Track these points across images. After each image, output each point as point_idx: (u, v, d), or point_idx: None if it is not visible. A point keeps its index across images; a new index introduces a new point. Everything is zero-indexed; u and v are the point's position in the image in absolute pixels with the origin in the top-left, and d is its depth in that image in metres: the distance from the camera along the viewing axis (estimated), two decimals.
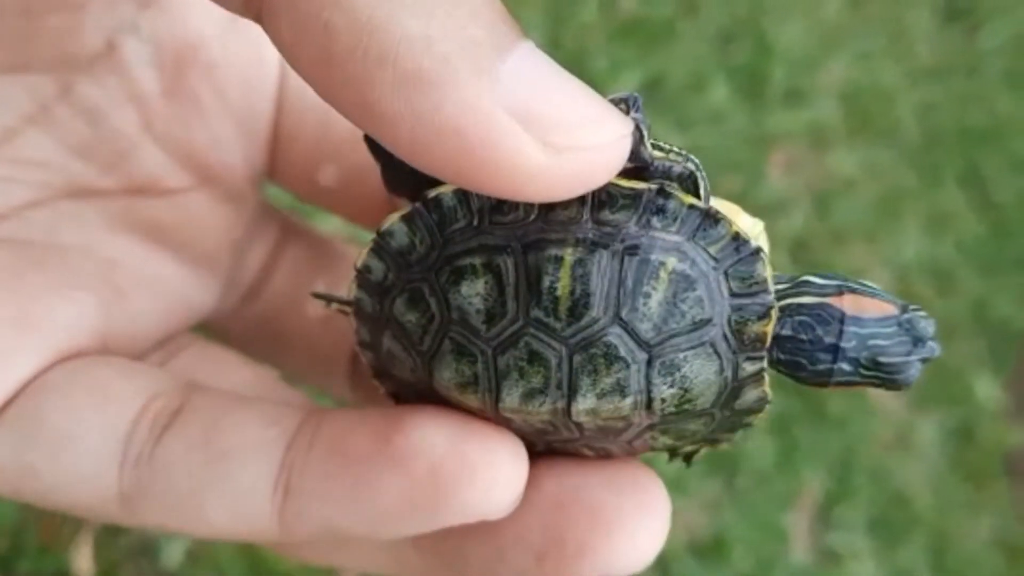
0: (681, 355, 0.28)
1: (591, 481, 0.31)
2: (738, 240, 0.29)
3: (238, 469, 0.31)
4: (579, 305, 0.28)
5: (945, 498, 1.60)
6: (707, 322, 0.28)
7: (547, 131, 0.25)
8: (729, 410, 0.31)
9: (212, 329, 0.40)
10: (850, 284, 0.31)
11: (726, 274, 0.29)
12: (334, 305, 0.34)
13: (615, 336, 0.28)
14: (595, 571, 0.31)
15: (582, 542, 0.31)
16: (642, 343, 0.28)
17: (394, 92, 0.24)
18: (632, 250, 0.28)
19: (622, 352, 0.28)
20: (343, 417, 0.31)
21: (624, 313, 0.28)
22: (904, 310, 0.31)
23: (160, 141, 0.35)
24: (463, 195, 0.29)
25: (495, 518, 0.29)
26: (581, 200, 0.28)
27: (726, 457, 1.33)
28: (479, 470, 0.29)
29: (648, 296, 0.28)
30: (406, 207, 0.30)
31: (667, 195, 0.29)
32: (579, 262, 0.28)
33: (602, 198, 0.28)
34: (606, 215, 0.28)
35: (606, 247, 0.28)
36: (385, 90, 0.24)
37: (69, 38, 0.33)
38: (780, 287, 0.31)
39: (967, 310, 1.79)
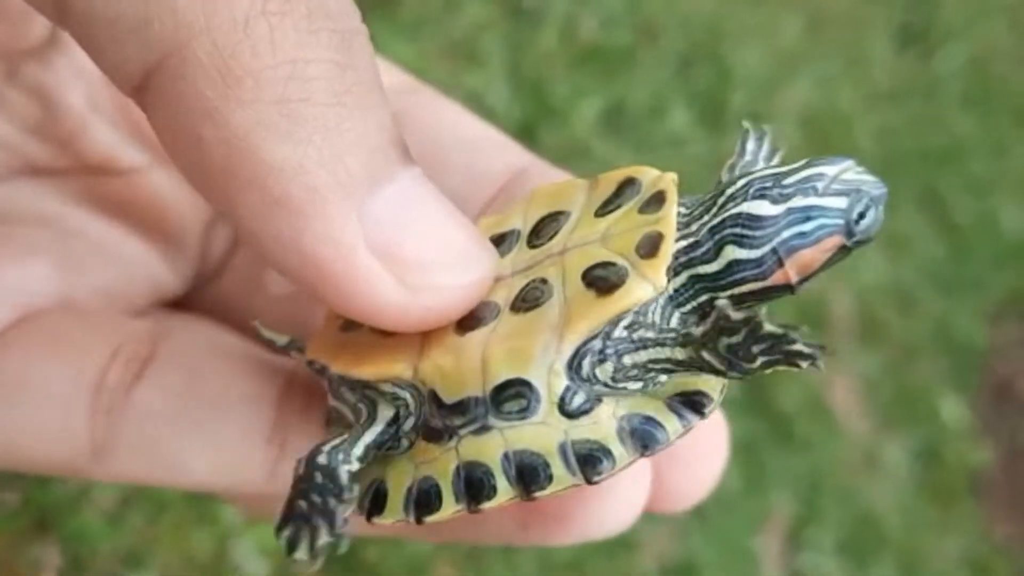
0: None
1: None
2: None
3: (227, 418, 0.31)
4: None
5: (913, 518, 1.61)
6: None
7: (406, 270, 0.26)
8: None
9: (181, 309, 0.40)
10: (782, 244, 0.29)
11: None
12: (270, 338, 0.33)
13: None
14: (578, 535, 0.32)
15: (564, 511, 0.31)
16: None
17: (260, 215, 0.24)
18: None
19: None
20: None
21: None
22: (847, 227, 0.29)
23: (110, 119, 0.35)
24: None
25: None
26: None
27: None
28: None
29: None
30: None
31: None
32: None
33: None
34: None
35: None
36: (252, 211, 0.24)
37: (14, 24, 0.33)
38: (707, 271, 0.29)
39: (929, 331, 1.80)
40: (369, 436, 0.30)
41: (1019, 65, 2.27)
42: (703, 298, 0.29)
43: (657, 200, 0.29)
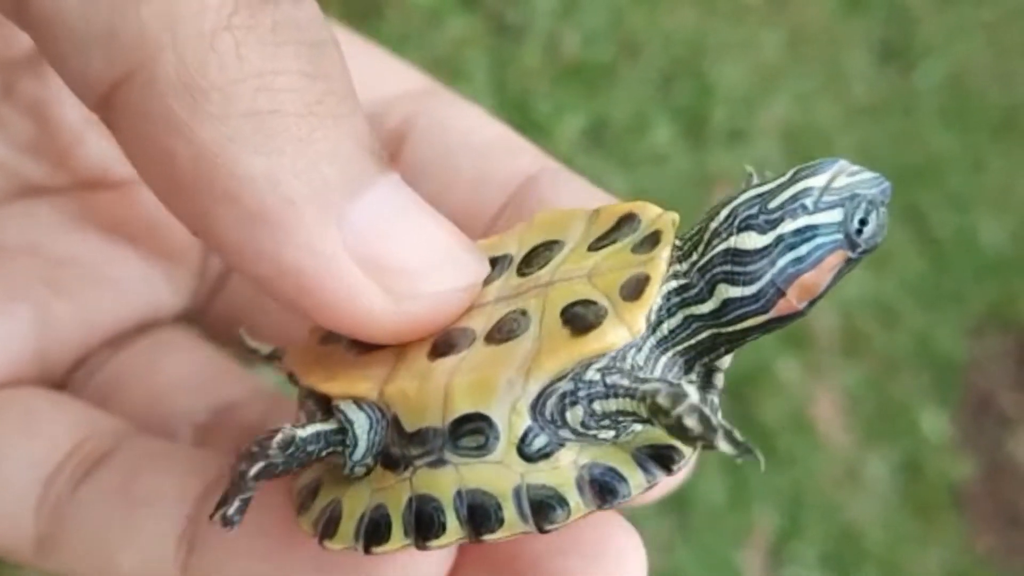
0: None
1: (552, 547, 0.29)
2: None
3: (147, 519, 0.30)
4: None
5: (895, 532, 1.61)
6: None
7: (388, 278, 0.25)
8: None
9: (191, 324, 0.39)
10: (779, 274, 0.27)
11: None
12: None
13: None
14: None
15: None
16: None
17: (237, 228, 0.24)
18: None
19: None
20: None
21: None
22: (848, 239, 0.27)
23: (103, 130, 0.35)
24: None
25: None
26: None
27: (677, 496, 1.33)
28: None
29: None
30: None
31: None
32: None
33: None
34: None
35: None
36: (228, 225, 0.24)
37: (6, 39, 0.33)
38: (703, 311, 0.28)
39: (911, 345, 1.81)
40: (305, 432, 0.28)
41: (997, 81, 2.29)
42: (704, 335, 0.28)
43: (652, 240, 0.28)
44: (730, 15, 1.92)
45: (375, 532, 0.27)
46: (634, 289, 0.27)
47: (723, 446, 0.25)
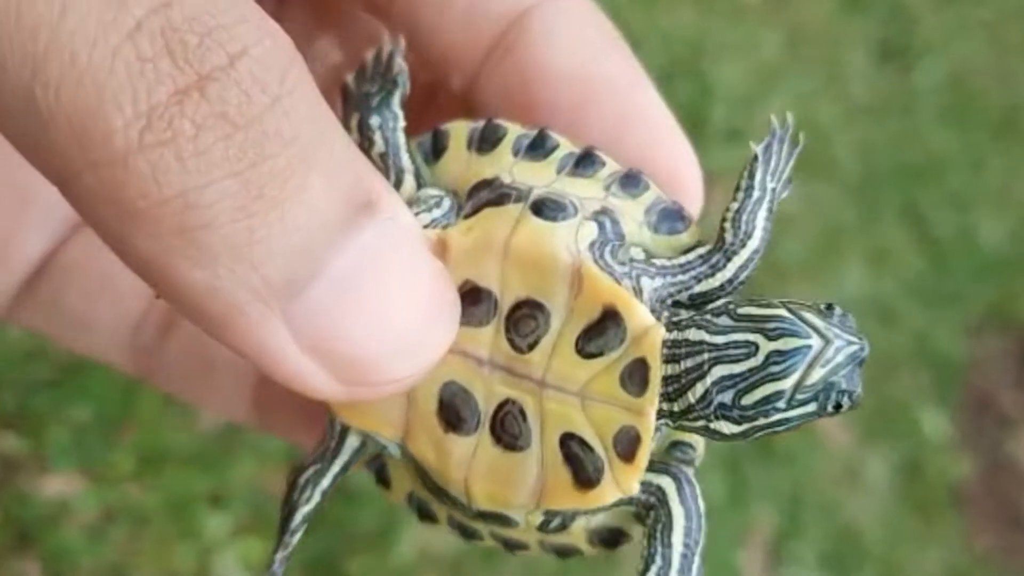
0: None
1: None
2: None
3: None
4: None
5: (895, 531, 1.61)
6: None
7: (338, 368, 0.25)
8: None
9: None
10: (757, 434, 0.30)
11: None
12: None
13: None
14: None
15: None
16: None
17: (193, 319, 0.24)
18: None
19: None
20: None
21: None
22: (824, 415, 0.30)
23: None
24: None
25: None
26: None
27: None
28: None
29: None
30: None
31: None
32: None
33: None
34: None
35: None
36: (184, 314, 0.24)
37: None
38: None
39: (910, 344, 1.81)
40: (336, 466, 0.32)
41: (997, 80, 2.29)
42: (699, 424, 0.31)
43: (640, 373, 0.29)
44: (729, 14, 1.92)
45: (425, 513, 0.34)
46: (627, 447, 0.30)
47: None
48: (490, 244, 0.30)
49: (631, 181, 0.32)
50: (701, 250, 0.32)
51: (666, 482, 0.32)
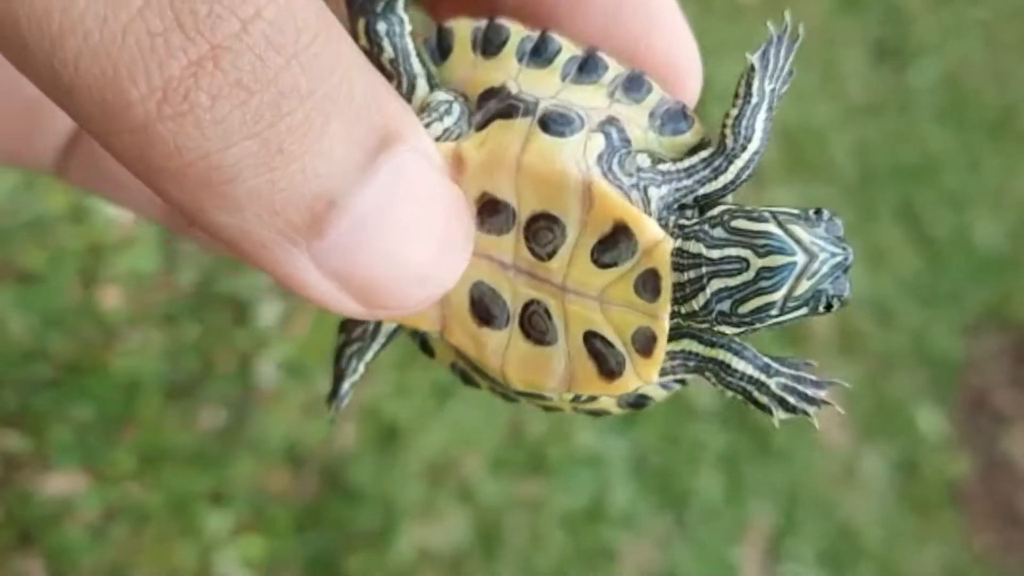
0: None
1: None
2: None
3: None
4: None
5: (892, 529, 1.62)
6: None
7: (360, 292, 0.27)
8: None
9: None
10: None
11: None
12: None
13: None
14: None
15: None
16: None
17: (232, 254, 0.26)
18: None
19: None
20: None
21: None
22: (815, 315, 0.32)
23: None
24: None
25: None
26: None
27: (676, 493, 1.34)
28: None
29: None
30: None
31: None
32: None
33: None
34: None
35: None
36: (223, 249, 0.27)
37: None
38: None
39: (907, 343, 1.81)
40: (377, 344, 0.35)
41: (992, 80, 2.30)
42: (704, 326, 0.33)
43: (652, 284, 0.31)
44: (726, 14, 1.92)
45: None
46: (644, 345, 0.32)
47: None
48: (503, 160, 0.31)
49: (634, 84, 0.33)
50: (704, 153, 0.34)
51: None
